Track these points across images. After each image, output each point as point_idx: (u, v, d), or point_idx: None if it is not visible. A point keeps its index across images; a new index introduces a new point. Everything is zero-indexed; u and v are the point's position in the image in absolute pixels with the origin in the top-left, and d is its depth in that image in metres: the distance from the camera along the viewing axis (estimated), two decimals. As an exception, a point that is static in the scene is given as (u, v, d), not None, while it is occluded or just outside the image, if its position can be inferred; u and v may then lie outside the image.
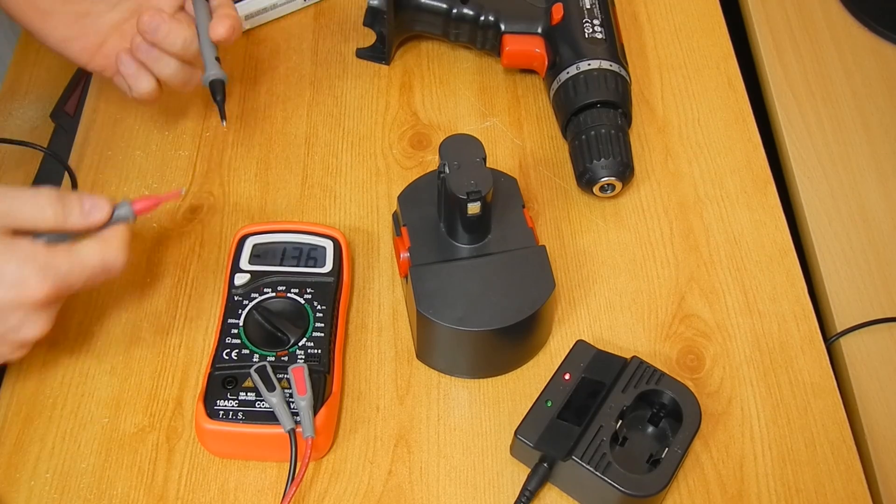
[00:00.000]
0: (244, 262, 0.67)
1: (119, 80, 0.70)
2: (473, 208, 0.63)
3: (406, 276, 0.66)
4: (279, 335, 0.64)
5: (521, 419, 0.61)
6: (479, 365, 0.66)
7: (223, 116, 0.67)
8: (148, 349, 0.68)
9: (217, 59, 0.68)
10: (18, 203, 0.55)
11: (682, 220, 0.75)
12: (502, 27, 0.79)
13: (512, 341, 0.65)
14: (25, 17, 0.67)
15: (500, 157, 0.78)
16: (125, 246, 0.58)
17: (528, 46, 0.79)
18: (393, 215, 0.70)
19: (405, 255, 0.65)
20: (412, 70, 0.84)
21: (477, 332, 0.62)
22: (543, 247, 0.66)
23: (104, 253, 0.57)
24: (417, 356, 0.67)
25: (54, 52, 0.69)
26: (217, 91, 0.68)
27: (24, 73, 0.96)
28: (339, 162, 0.78)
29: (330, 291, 0.66)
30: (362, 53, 0.84)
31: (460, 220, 0.64)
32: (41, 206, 0.55)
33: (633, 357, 0.63)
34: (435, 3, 0.79)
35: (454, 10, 0.79)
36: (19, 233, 0.55)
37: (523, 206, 0.68)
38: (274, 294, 0.65)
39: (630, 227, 0.74)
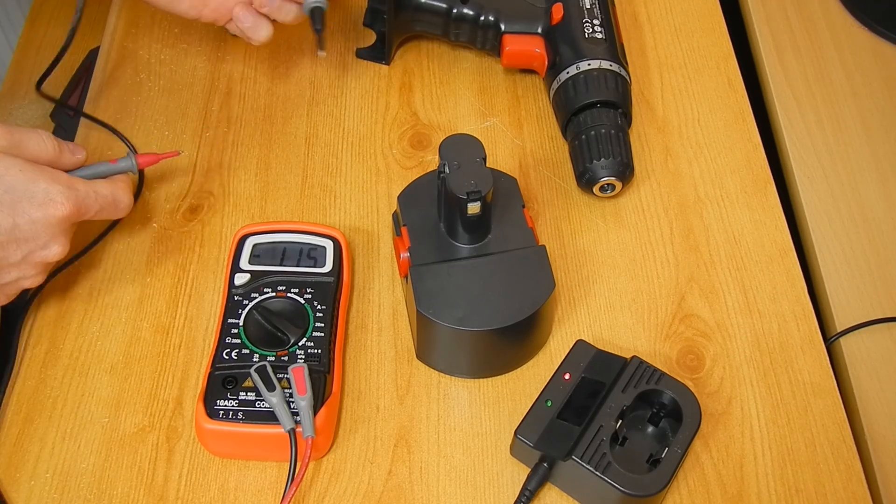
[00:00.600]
0: (244, 262, 0.67)
1: (232, 26, 0.75)
2: (473, 208, 0.63)
3: (406, 276, 0.66)
4: (279, 335, 0.64)
5: (521, 419, 0.61)
6: (479, 365, 0.66)
7: (322, 47, 0.71)
8: (148, 349, 0.68)
9: None
10: (26, 137, 0.62)
11: (682, 220, 0.75)
12: (502, 27, 0.79)
13: (512, 341, 0.65)
14: None
15: (500, 157, 0.78)
16: (130, 190, 0.66)
17: (528, 46, 0.79)
18: (393, 215, 0.70)
19: (405, 255, 0.65)
20: (412, 70, 0.84)
21: (477, 332, 0.62)
22: (543, 247, 0.66)
23: (114, 189, 0.65)
24: (417, 356, 0.67)
25: (162, 9, 0.75)
26: (317, 19, 0.72)
27: (24, 73, 0.96)
28: (339, 162, 0.78)
29: (330, 291, 0.66)
30: (362, 53, 0.84)
31: (460, 220, 0.64)
32: (43, 140, 0.63)
33: (633, 357, 0.63)
34: (435, 3, 0.79)
35: (454, 10, 0.79)
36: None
37: (523, 206, 0.68)
38: (274, 294, 0.65)
39: (630, 227, 0.74)
